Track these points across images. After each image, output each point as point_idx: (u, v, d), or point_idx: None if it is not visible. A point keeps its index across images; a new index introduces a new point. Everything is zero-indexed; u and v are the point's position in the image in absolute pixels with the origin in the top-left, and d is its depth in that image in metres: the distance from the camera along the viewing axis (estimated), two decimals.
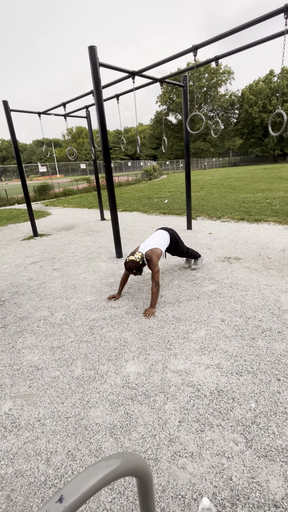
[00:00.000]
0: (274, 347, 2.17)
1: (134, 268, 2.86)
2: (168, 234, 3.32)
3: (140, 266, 2.89)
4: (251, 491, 1.24)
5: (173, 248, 3.41)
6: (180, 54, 3.88)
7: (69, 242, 6.00)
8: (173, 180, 24.06)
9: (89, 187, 19.83)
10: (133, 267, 2.86)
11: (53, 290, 3.59)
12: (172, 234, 3.35)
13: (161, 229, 3.39)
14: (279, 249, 4.39)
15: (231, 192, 11.77)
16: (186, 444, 1.48)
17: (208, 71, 47.41)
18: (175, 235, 3.38)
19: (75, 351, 2.32)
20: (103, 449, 1.49)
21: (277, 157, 52.11)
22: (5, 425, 1.69)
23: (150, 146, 62.73)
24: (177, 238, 3.42)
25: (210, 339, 2.33)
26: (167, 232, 3.33)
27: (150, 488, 0.75)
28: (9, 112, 5.77)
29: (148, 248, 3.02)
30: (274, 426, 1.53)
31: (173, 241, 3.35)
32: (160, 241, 3.16)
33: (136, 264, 2.85)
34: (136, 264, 2.85)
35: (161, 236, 3.25)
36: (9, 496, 1.30)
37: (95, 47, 3.65)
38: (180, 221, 7.01)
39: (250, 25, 3.25)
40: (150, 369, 2.04)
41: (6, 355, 2.35)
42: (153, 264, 2.88)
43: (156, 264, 2.89)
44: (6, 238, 6.83)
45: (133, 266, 2.85)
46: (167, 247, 3.32)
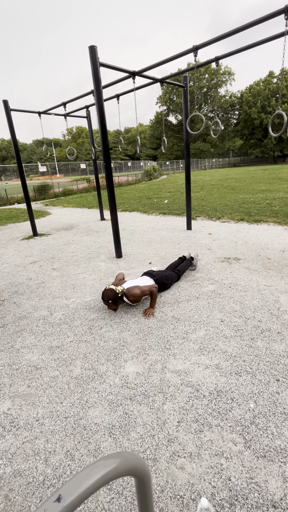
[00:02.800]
0: (273, 348, 2.17)
1: (111, 298, 2.71)
2: (153, 281, 3.08)
3: (117, 299, 2.75)
4: (249, 492, 1.24)
5: (163, 287, 3.20)
6: (180, 55, 3.89)
7: (68, 242, 6.00)
8: (173, 180, 24.07)
9: (89, 187, 19.82)
10: (110, 297, 2.71)
11: (52, 289, 3.59)
12: (157, 280, 3.10)
13: (146, 275, 3.16)
14: (278, 250, 4.39)
15: (231, 192, 11.78)
16: (185, 444, 1.48)
17: (209, 72, 47.50)
18: (160, 279, 3.14)
19: (74, 351, 2.32)
20: (101, 449, 1.49)
21: (277, 158, 52.19)
22: (3, 425, 1.68)
23: (150, 147, 62.77)
24: (164, 279, 3.19)
25: (209, 339, 2.33)
26: (151, 280, 3.08)
27: (148, 488, 0.75)
28: (9, 112, 5.77)
29: (131, 285, 2.88)
30: (273, 427, 1.53)
31: (160, 285, 3.13)
32: (144, 281, 3.01)
33: (114, 295, 2.71)
34: (114, 294, 2.71)
35: (145, 280, 3.05)
36: (7, 495, 1.30)
37: (95, 47, 3.66)
38: (180, 222, 7.01)
39: (250, 26, 3.25)
40: (149, 369, 2.04)
41: (5, 355, 2.35)
42: (137, 295, 2.76)
43: (139, 293, 2.76)
44: (6, 238, 6.82)
45: (110, 296, 2.71)
46: None
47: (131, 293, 2.78)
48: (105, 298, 2.76)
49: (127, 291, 2.81)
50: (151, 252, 4.78)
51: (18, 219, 9.60)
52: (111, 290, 2.74)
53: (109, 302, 2.77)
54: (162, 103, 51.33)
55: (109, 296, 2.73)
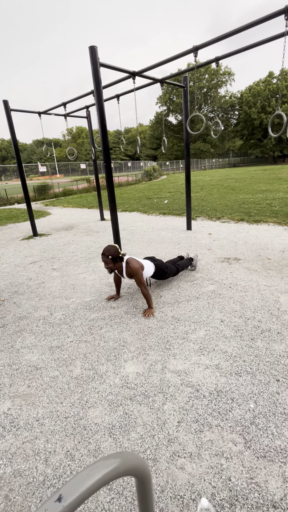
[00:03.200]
0: (273, 348, 2.17)
1: (112, 254, 2.68)
2: (153, 265, 3.13)
3: (117, 258, 2.73)
4: (249, 492, 1.24)
5: (161, 275, 3.23)
6: (180, 55, 3.89)
7: (68, 242, 6.00)
8: (173, 180, 24.07)
9: (89, 187, 19.82)
10: (111, 252, 2.68)
11: (52, 290, 3.59)
12: (158, 265, 3.15)
13: (147, 259, 3.21)
14: (278, 250, 4.40)
15: (230, 193, 11.78)
16: (185, 445, 1.48)
17: (209, 72, 47.52)
18: (160, 265, 3.18)
19: (74, 351, 2.32)
20: (102, 449, 1.49)
21: (276, 158, 52.21)
22: (3, 425, 1.68)
23: (150, 147, 62.79)
24: (164, 266, 3.23)
25: (209, 339, 2.33)
26: (152, 264, 3.13)
27: (149, 488, 0.75)
28: (10, 112, 5.77)
29: (131, 256, 2.91)
30: (273, 427, 1.53)
31: (159, 271, 3.16)
32: (145, 263, 3.03)
33: (116, 251, 2.69)
34: (116, 251, 2.70)
35: (147, 262, 3.08)
36: (7, 496, 1.30)
37: (95, 47, 3.66)
38: (180, 222, 7.01)
39: (250, 26, 3.25)
40: (149, 369, 2.04)
41: (5, 355, 2.35)
42: (134, 269, 2.76)
43: (138, 268, 2.77)
44: (6, 238, 6.82)
45: (112, 251, 2.68)
46: (153, 275, 3.16)
47: (132, 263, 2.77)
48: (105, 253, 2.70)
49: (130, 259, 2.81)
50: (151, 252, 4.78)
51: (18, 219, 9.60)
52: (114, 246, 2.73)
53: (109, 258, 2.70)
54: (162, 103, 51.35)
55: (111, 251, 2.69)
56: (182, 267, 3.56)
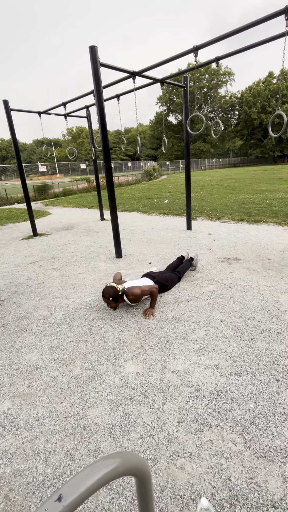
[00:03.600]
0: (273, 348, 2.17)
1: (112, 295, 2.72)
2: (153, 282, 3.07)
3: (117, 297, 2.76)
4: (249, 492, 1.24)
5: (163, 289, 3.19)
6: (181, 55, 3.89)
7: (68, 242, 6.00)
8: (173, 180, 24.07)
9: (89, 187, 19.83)
10: (111, 294, 2.72)
11: (52, 289, 3.59)
12: (158, 282, 3.11)
13: (146, 277, 3.16)
14: (278, 250, 4.40)
15: (231, 193, 11.78)
16: (185, 444, 1.48)
17: (209, 72, 47.55)
18: (160, 281, 3.13)
19: (74, 351, 2.32)
20: (101, 449, 1.49)
21: (277, 158, 52.23)
22: (3, 425, 1.68)
23: (150, 147, 62.79)
24: (164, 280, 3.18)
25: (209, 339, 2.33)
26: (151, 281, 3.07)
27: (149, 488, 0.75)
28: (10, 112, 5.77)
29: (132, 285, 2.88)
30: (273, 427, 1.53)
31: (160, 286, 3.13)
32: (144, 282, 3.00)
33: (115, 292, 2.72)
34: (115, 291, 2.72)
35: (146, 281, 3.04)
36: (7, 495, 1.30)
37: (95, 47, 3.66)
38: (180, 222, 7.02)
39: (251, 26, 3.25)
40: (149, 369, 2.04)
41: (5, 355, 2.35)
42: (137, 294, 2.74)
43: (139, 293, 2.76)
44: (6, 238, 6.82)
45: (111, 293, 2.72)
46: None
47: (131, 292, 2.77)
48: (105, 296, 2.77)
49: (127, 290, 2.81)
50: (151, 252, 4.79)
51: (18, 219, 9.60)
52: (112, 287, 2.75)
53: (110, 299, 2.77)
54: (162, 103, 51.36)
55: (110, 293, 2.74)
56: (183, 272, 3.54)
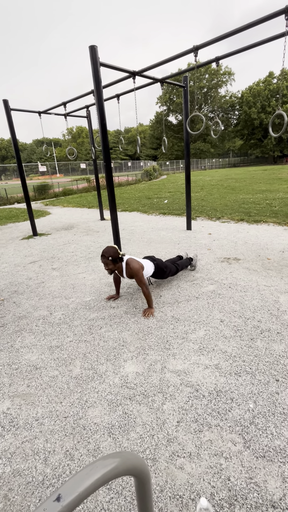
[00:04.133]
0: (273, 348, 2.17)
1: (112, 255, 2.68)
2: (153, 264, 3.12)
3: (117, 259, 2.73)
4: (249, 492, 1.24)
5: (161, 274, 3.23)
6: (181, 55, 3.88)
7: (68, 241, 6.00)
8: (173, 180, 24.07)
9: (89, 187, 19.82)
10: (111, 253, 2.67)
11: (52, 289, 3.58)
12: (158, 264, 3.15)
13: (146, 258, 3.20)
14: (278, 250, 4.40)
15: (230, 193, 11.78)
16: (184, 444, 1.48)
17: (209, 72, 47.54)
18: (160, 265, 3.18)
19: (74, 351, 2.32)
20: (101, 449, 1.49)
21: (277, 159, 52.22)
22: (3, 425, 1.68)
23: (150, 146, 62.76)
24: (163, 266, 3.23)
25: (209, 339, 2.33)
26: (152, 263, 3.11)
27: (148, 488, 0.75)
28: (10, 111, 5.77)
29: (131, 257, 2.91)
30: (273, 427, 1.53)
31: (158, 270, 3.16)
32: (144, 262, 3.02)
33: (115, 252, 2.69)
34: (115, 252, 2.69)
35: (146, 262, 3.07)
36: (6, 495, 1.30)
37: (95, 47, 3.65)
38: (180, 222, 7.01)
39: (251, 26, 3.25)
40: (149, 369, 2.04)
41: (5, 354, 2.35)
42: (135, 269, 2.75)
43: (138, 269, 2.76)
44: (6, 237, 6.82)
45: (111, 252, 2.67)
46: (152, 274, 3.15)
47: (132, 263, 2.76)
48: (105, 254, 2.69)
49: (130, 259, 2.79)
50: (151, 252, 4.78)
51: (18, 218, 9.60)
52: (113, 247, 2.72)
53: (109, 259, 2.69)
54: (162, 103, 51.34)
55: (110, 252, 2.68)
56: (182, 266, 3.56)
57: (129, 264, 2.78)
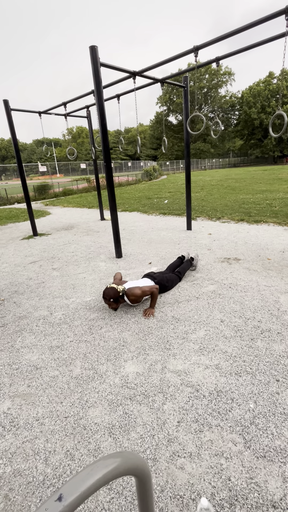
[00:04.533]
0: (273, 348, 2.17)
1: (112, 296, 2.72)
2: (153, 283, 3.08)
3: (118, 298, 2.76)
4: (249, 492, 1.24)
5: (163, 290, 3.20)
6: (181, 55, 3.89)
7: (68, 241, 6.00)
8: (173, 180, 24.07)
9: (89, 187, 19.82)
10: (111, 295, 2.72)
11: (52, 289, 3.59)
12: (159, 282, 3.11)
13: (146, 277, 3.16)
14: (278, 250, 4.40)
15: (231, 193, 11.78)
16: (185, 444, 1.48)
17: (209, 72, 47.58)
18: (161, 281, 3.14)
19: (74, 351, 2.32)
20: (101, 449, 1.49)
21: (277, 159, 52.23)
22: (3, 425, 1.68)
23: (150, 147, 62.79)
24: (165, 281, 3.19)
25: (209, 339, 2.33)
26: (152, 282, 3.07)
27: (149, 488, 0.75)
28: (10, 111, 5.77)
29: (132, 285, 2.88)
30: (273, 427, 1.53)
31: (161, 287, 3.13)
32: (145, 283, 3.00)
33: (115, 293, 2.72)
34: (115, 292, 2.72)
35: (146, 282, 3.05)
36: (7, 495, 1.30)
37: (96, 47, 3.66)
38: (180, 222, 7.02)
39: (251, 26, 3.25)
40: (149, 369, 2.04)
41: (5, 354, 2.35)
42: (137, 295, 2.76)
43: (140, 294, 2.77)
44: (6, 237, 6.82)
45: (111, 294, 2.72)
46: None
47: (132, 292, 2.78)
48: (106, 297, 2.77)
49: (128, 290, 2.81)
50: (151, 252, 4.78)
51: (18, 218, 9.60)
52: (112, 288, 2.75)
53: (110, 300, 2.77)
54: (162, 103, 51.39)
55: (111, 294, 2.74)
56: (183, 272, 3.54)
57: (129, 295, 2.80)
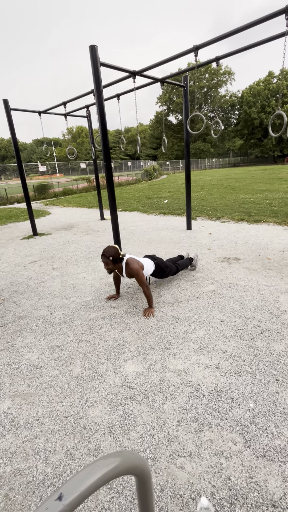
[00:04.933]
0: (273, 348, 2.17)
1: (112, 255, 2.68)
2: (153, 263, 3.12)
3: (117, 259, 2.73)
4: (249, 491, 1.24)
5: (161, 274, 3.23)
6: (181, 54, 3.88)
7: (68, 241, 6.00)
8: (173, 180, 24.06)
9: (89, 186, 19.82)
10: (111, 253, 2.68)
11: (52, 289, 3.59)
12: (158, 264, 3.14)
13: (147, 257, 3.19)
14: (278, 250, 4.40)
15: (230, 192, 11.78)
16: (185, 444, 1.48)
17: (209, 72, 47.52)
18: (160, 264, 3.17)
19: (74, 351, 2.32)
20: (101, 448, 1.49)
21: (277, 158, 52.20)
22: (3, 424, 1.69)
23: (150, 146, 62.72)
24: (164, 265, 3.23)
25: (209, 339, 2.33)
26: (152, 262, 3.12)
27: (149, 487, 0.75)
28: (10, 111, 5.77)
29: (131, 256, 2.90)
30: (273, 426, 1.53)
31: (159, 269, 3.16)
32: (144, 261, 3.03)
33: (116, 252, 2.70)
34: (116, 252, 2.70)
35: (146, 261, 3.08)
36: (7, 495, 1.30)
37: (95, 46, 3.65)
38: (180, 221, 7.01)
39: (251, 26, 3.24)
40: (149, 369, 2.04)
41: (5, 354, 2.35)
42: (135, 269, 2.74)
43: (138, 269, 2.76)
44: (6, 237, 6.82)
45: (112, 252, 2.68)
46: (152, 273, 3.15)
47: (132, 263, 2.76)
48: (105, 254, 2.71)
49: (130, 259, 2.79)
50: (151, 251, 4.78)
51: (18, 218, 9.60)
52: (114, 247, 2.73)
53: (109, 259, 2.70)
54: (162, 103, 51.32)
55: (111, 252, 2.69)
56: (182, 266, 3.56)
57: (129, 265, 2.79)
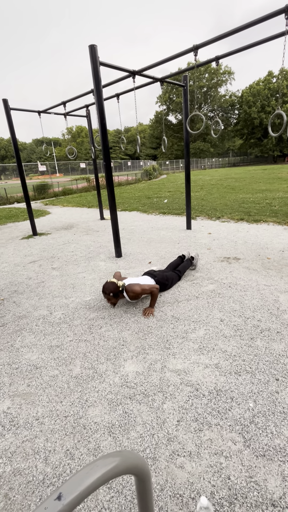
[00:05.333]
0: (272, 347, 2.17)
1: (112, 290, 2.73)
2: (154, 281, 3.09)
3: (118, 293, 2.77)
4: (249, 490, 1.24)
5: (163, 287, 3.20)
6: (180, 54, 3.88)
7: (68, 241, 5.99)
8: (173, 180, 24.06)
9: (88, 186, 19.81)
10: (111, 289, 2.72)
11: (52, 289, 3.59)
12: (158, 281, 3.11)
13: (146, 275, 3.17)
14: (278, 250, 4.40)
15: (230, 192, 11.78)
16: (185, 443, 1.48)
17: (209, 71, 47.48)
18: (161, 280, 3.14)
19: (74, 350, 2.32)
20: (101, 448, 1.49)
21: (276, 158, 52.22)
22: (3, 424, 1.69)
23: (150, 146, 62.72)
24: (164, 279, 3.19)
25: (209, 338, 2.33)
26: (152, 280, 3.08)
27: (148, 487, 0.75)
28: (9, 111, 5.76)
29: (132, 281, 2.89)
30: (272, 426, 1.54)
31: (160, 285, 3.13)
32: (144, 280, 3.01)
33: (115, 287, 2.73)
34: (115, 287, 2.73)
35: (146, 279, 3.05)
36: (7, 494, 1.30)
37: (95, 46, 3.65)
38: (180, 221, 7.01)
39: (251, 25, 3.24)
40: (149, 369, 2.04)
41: (5, 354, 2.35)
42: (137, 292, 2.75)
43: (139, 291, 2.76)
44: (5, 237, 6.82)
45: (111, 288, 2.72)
46: None
47: (131, 289, 2.77)
48: (106, 291, 2.77)
49: (127, 286, 2.81)
50: (151, 251, 4.78)
51: (18, 218, 9.59)
52: (112, 283, 2.76)
53: (110, 295, 2.77)
54: (162, 102, 51.28)
55: (111, 288, 2.74)
56: (184, 270, 3.54)
57: (128, 292, 2.80)
